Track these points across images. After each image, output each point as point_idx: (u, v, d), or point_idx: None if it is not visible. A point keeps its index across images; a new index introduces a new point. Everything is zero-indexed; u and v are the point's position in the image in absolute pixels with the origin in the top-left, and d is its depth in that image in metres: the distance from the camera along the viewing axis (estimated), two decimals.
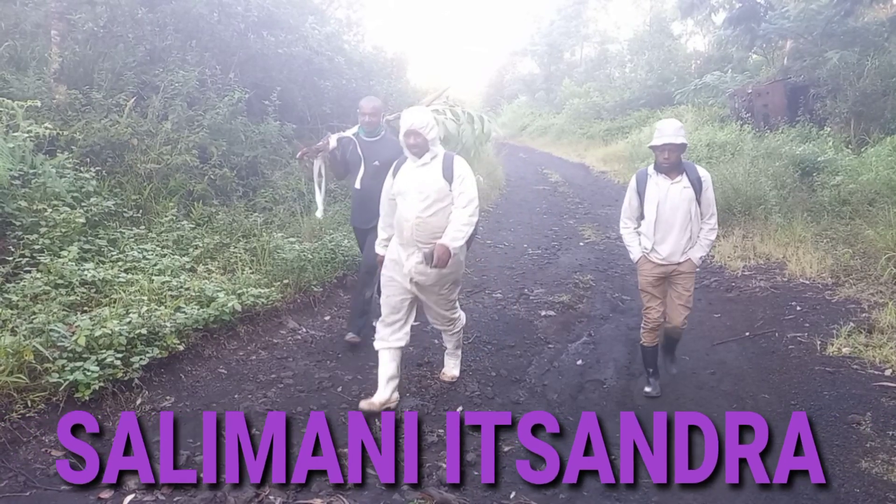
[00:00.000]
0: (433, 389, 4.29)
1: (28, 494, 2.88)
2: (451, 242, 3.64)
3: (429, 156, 3.75)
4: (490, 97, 41.34)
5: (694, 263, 4.19)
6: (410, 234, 3.73)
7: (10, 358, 3.37)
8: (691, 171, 4.12)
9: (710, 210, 4.16)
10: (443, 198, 3.70)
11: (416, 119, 3.68)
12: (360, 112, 4.83)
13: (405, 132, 3.70)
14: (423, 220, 3.69)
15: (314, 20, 10.61)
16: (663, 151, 4.02)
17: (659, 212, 4.11)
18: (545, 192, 14.00)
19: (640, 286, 4.35)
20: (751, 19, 15.27)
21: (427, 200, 3.69)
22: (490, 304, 6.23)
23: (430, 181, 3.71)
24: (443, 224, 3.69)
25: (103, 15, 7.58)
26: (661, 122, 4.10)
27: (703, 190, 4.09)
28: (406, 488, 3.08)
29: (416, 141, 3.70)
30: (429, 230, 3.69)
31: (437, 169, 3.73)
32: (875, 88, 11.18)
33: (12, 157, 4.92)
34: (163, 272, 4.97)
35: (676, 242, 4.13)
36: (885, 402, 3.96)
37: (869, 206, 7.67)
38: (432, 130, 3.72)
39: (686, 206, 4.07)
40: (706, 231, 4.19)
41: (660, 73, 23.32)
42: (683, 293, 4.25)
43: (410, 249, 3.79)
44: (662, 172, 4.11)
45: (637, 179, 4.25)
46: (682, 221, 4.10)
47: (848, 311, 5.46)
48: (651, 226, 4.17)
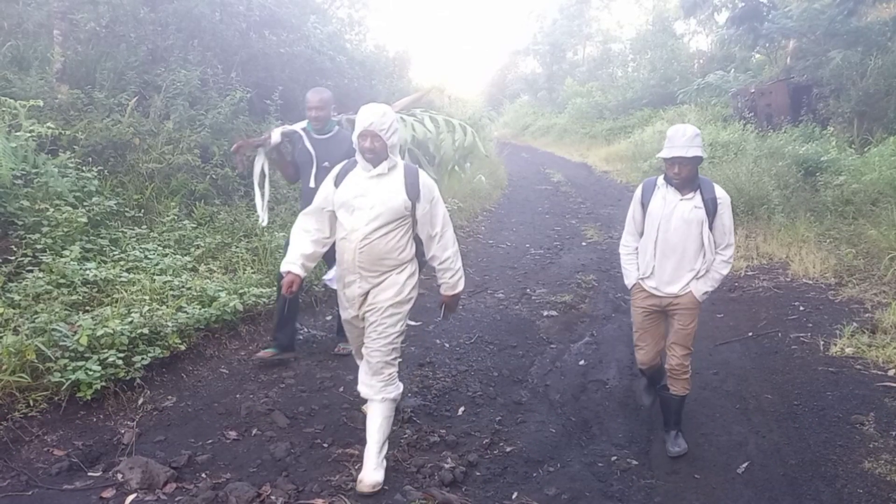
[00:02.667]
0: (435, 389, 4.28)
1: (30, 493, 2.87)
2: (456, 288, 3.28)
3: (386, 165, 3.07)
4: (492, 96, 41.30)
5: (696, 298, 3.49)
6: (353, 257, 3.06)
7: (13, 357, 3.37)
8: (707, 190, 3.47)
9: (725, 239, 3.49)
10: (398, 218, 3.06)
11: (375, 118, 2.98)
12: (307, 106, 4.24)
13: (360, 132, 3.00)
14: (371, 242, 3.02)
15: (316, 19, 10.61)
16: (672, 165, 3.39)
17: (661, 230, 3.48)
18: (547, 192, 13.99)
19: (633, 319, 3.75)
20: (754, 19, 15.27)
21: (379, 219, 3.02)
22: (492, 304, 6.22)
23: (386, 196, 3.03)
24: (391, 250, 3.07)
25: (105, 14, 7.59)
26: (673, 130, 3.41)
27: (717, 213, 3.43)
28: (408, 488, 3.08)
29: (374, 145, 3.00)
30: (375, 255, 3.05)
31: (397, 183, 3.07)
32: (878, 88, 11.15)
33: (15, 157, 4.92)
34: (164, 272, 4.98)
35: (676, 271, 3.48)
36: (889, 402, 3.94)
37: (872, 205, 7.65)
38: (394, 135, 3.07)
39: (694, 229, 3.42)
40: (718, 263, 3.50)
41: (662, 73, 23.29)
42: (680, 330, 3.56)
43: (352, 277, 3.12)
44: (673, 186, 3.50)
45: (643, 189, 3.62)
46: (686, 246, 3.45)
47: (851, 312, 5.44)
48: (650, 246, 3.53)
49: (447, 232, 3.19)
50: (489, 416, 3.98)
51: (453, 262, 3.23)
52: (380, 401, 3.18)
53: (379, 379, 3.18)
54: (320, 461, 3.32)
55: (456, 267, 3.25)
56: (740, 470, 3.39)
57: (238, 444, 3.48)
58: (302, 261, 3.21)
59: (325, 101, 4.25)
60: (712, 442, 3.69)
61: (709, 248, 3.46)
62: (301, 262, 3.21)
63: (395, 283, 3.13)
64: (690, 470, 3.42)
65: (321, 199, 3.22)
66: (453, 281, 3.26)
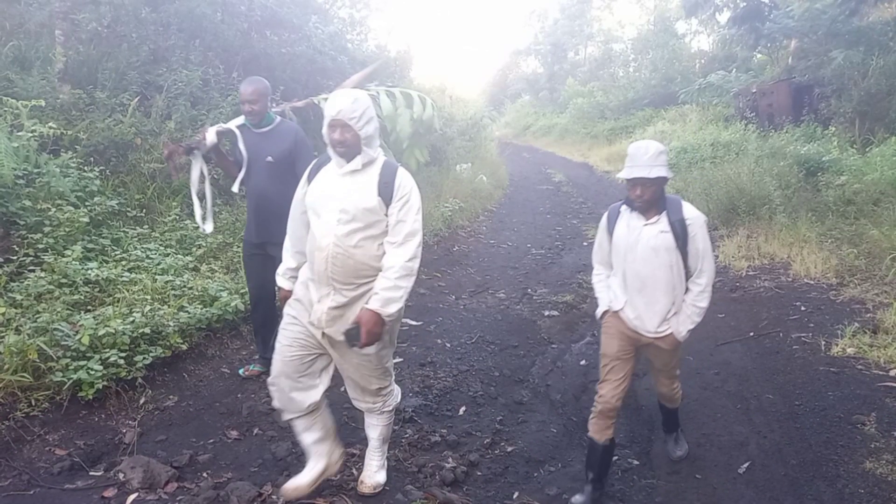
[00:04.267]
0: (436, 389, 4.28)
1: (32, 493, 2.88)
2: (384, 308, 2.59)
3: (361, 160, 2.65)
4: (493, 96, 41.31)
5: (677, 340, 3.11)
6: (324, 267, 2.63)
7: (15, 357, 3.38)
8: (674, 210, 3.03)
9: (699, 265, 3.03)
10: (373, 223, 2.63)
11: (344, 105, 2.56)
12: (240, 99, 3.84)
13: (329, 123, 2.61)
14: (344, 249, 2.60)
15: (317, 19, 10.60)
16: (634, 187, 2.96)
17: (627, 262, 3.08)
18: (549, 192, 13.99)
19: (602, 350, 3.23)
20: (755, 18, 15.26)
21: (352, 224, 2.60)
22: (493, 304, 6.22)
23: (358, 197, 2.62)
24: (370, 260, 2.64)
25: (107, 15, 7.60)
26: (634, 147, 2.98)
27: (688, 237, 3.00)
28: (409, 488, 3.08)
29: (345, 137, 2.59)
30: (350, 266, 2.62)
31: (371, 181, 2.65)
32: (880, 88, 11.14)
33: (17, 157, 4.93)
34: (166, 271, 4.99)
35: (650, 306, 3.08)
36: (890, 402, 3.94)
37: (874, 205, 7.64)
38: (369, 124, 2.62)
39: (662, 257, 3.00)
40: (693, 296, 3.06)
41: (664, 73, 23.30)
42: (663, 368, 3.32)
43: (324, 290, 2.68)
44: (636, 210, 3.09)
45: (608, 216, 3.23)
46: (656, 278, 3.03)
47: (853, 312, 5.43)
48: (620, 279, 3.16)
49: (411, 242, 2.65)
50: (490, 415, 3.99)
51: (396, 273, 2.60)
52: (378, 413, 3.00)
53: (375, 400, 2.94)
54: None
55: (398, 282, 2.60)
56: (741, 470, 3.39)
57: (239, 444, 3.49)
58: (290, 274, 2.92)
59: (260, 92, 3.80)
60: (713, 442, 3.69)
61: (678, 279, 3.04)
62: (289, 276, 2.92)
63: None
64: (691, 470, 3.42)
65: (297, 202, 2.86)
66: (384, 294, 2.59)
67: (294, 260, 2.91)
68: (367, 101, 2.65)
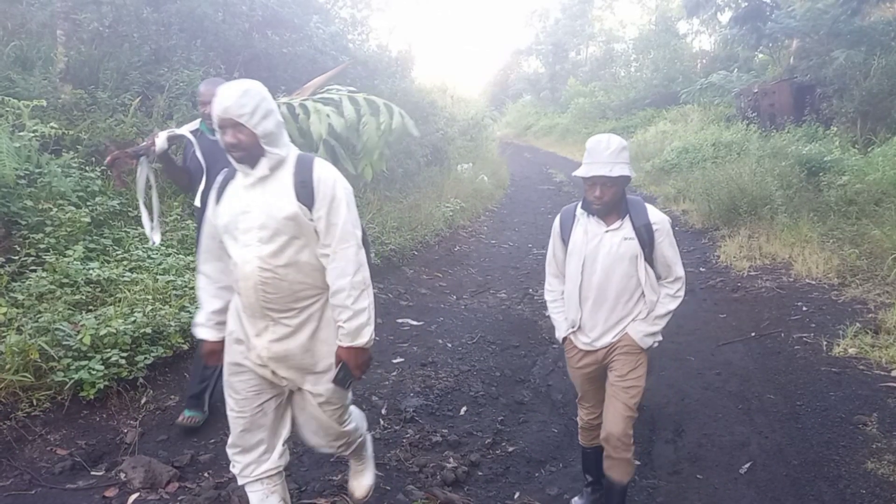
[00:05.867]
0: (437, 389, 4.28)
1: (33, 493, 2.89)
2: (357, 340, 2.24)
3: (266, 163, 2.21)
4: (495, 96, 41.32)
5: (633, 340, 2.71)
6: (255, 298, 2.22)
7: (16, 356, 3.38)
8: (638, 215, 2.70)
9: (669, 271, 2.74)
10: (301, 233, 2.21)
11: (230, 101, 2.13)
12: (199, 100, 3.43)
13: (218, 123, 2.19)
14: (273, 272, 2.19)
15: (319, 19, 10.61)
16: (593, 187, 2.62)
17: (584, 273, 2.73)
18: (550, 192, 13.99)
19: (570, 373, 3.02)
20: (757, 18, 15.26)
21: (276, 240, 2.19)
22: (494, 304, 6.22)
23: (275, 207, 2.19)
24: (308, 276, 2.24)
25: (108, 15, 7.60)
26: (594, 141, 2.66)
27: (654, 243, 2.67)
28: (410, 488, 3.08)
29: (238, 138, 2.16)
30: (285, 290, 2.22)
31: (285, 185, 2.22)
32: (882, 88, 11.12)
33: (18, 157, 4.93)
34: (167, 271, 4.99)
35: (610, 321, 2.74)
36: (892, 402, 3.93)
37: (875, 206, 7.63)
38: (267, 119, 2.17)
39: (626, 266, 2.67)
40: (664, 297, 2.74)
41: (665, 73, 23.30)
42: (617, 383, 2.73)
43: (261, 323, 2.28)
44: (594, 214, 2.74)
45: (561, 220, 2.88)
46: (619, 290, 2.70)
47: (854, 312, 5.43)
48: (574, 293, 2.77)
49: (347, 250, 2.22)
50: (491, 415, 3.99)
51: (350, 298, 2.21)
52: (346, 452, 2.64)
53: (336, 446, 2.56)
54: (322, 461, 3.32)
55: (356, 306, 2.22)
56: (743, 470, 3.38)
57: None
58: (215, 320, 2.42)
59: None
60: (715, 442, 3.68)
61: (648, 288, 2.71)
62: (214, 322, 2.42)
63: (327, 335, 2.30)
64: (693, 470, 3.42)
65: (208, 227, 2.39)
66: (350, 326, 2.22)
67: (218, 300, 2.42)
68: (260, 92, 2.19)
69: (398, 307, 6.03)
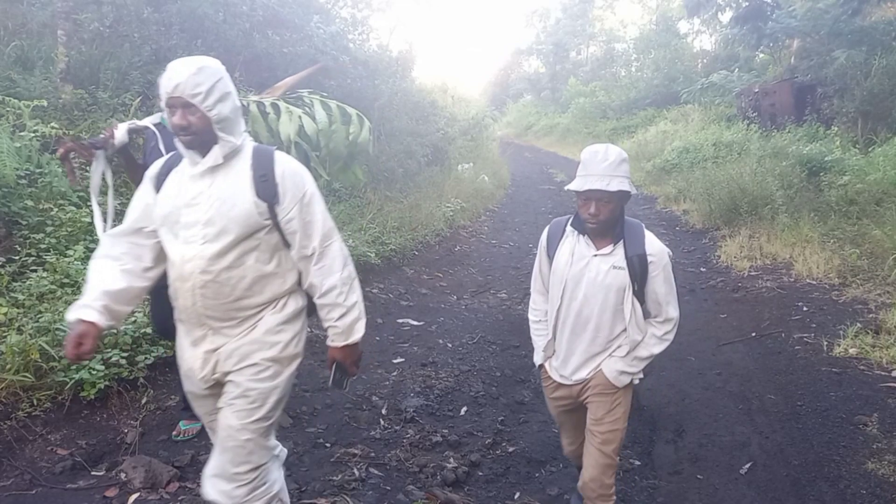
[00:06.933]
0: (438, 389, 4.28)
1: (34, 493, 2.89)
2: (351, 338, 2.15)
3: (219, 150, 2.01)
4: (495, 96, 41.32)
5: (607, 379, 2.45)
6: (191, 302, 2.03)
7: (17, 356, 3.39)
8: (633, 242, 2.38)
9: (660, 310, 2.43)
10: (252, 233, 2.02)
11: (182, 77, 1.91)
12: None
13: (166, 102, 1.98)
14: (215, 276, 2.00)
15: (319, 19, 10.61)
16: (587, 203, 2.32)
17: (565, 297, 2.46)
18: (550, 192, 13.98)
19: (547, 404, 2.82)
20: (757, 18, 15.25)
21: (222, 239, 1.99)
22: (495, 304, 6.22)
23: (228, 201, 2.00)
24: (253, 283, 2.05)
25: (109, 15, 7.61)
26: (590, 152, 2.33)
27: (647, 276, 2.36)
28: (411, 488, 3.08)
29: (188, 120, 1.95)
30: (226, 296, 2.03)
31: (241, 177, 2.03)
32: (882, 88, 11.12)
33: (19, 157, 4.94)
34: None
35: (587, 354, 2.48)
36: (892, 403, 3.93)
37: (876, 206, 7.63)
38: (223, 102, 1.97)
39: (612, 298, 2.39)
40: (650, 338, 2.44)
41: (666, 73, 23.28)
42: (594, 427, 2.49)
43: (198, 332, 2.10)
44: (585, 233, 2.44)
45: (549, 234, 2.61)
46: (600, 322, 2.42)
47: (855, 312, 5.42)
48: (553, 316, 2.53)
49: (331, 247, 2.10)
50: (492, 415, 3.99)
51: (342, 295, 2.10)
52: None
53: (238, 484, 2.07)
54: (323, 460, 3.32)
55: (348, 302, 2.12)
56: (743, 470, 3.38)
57: None
58: (104, 301, 2.03)
59: None
60: (715, 442, 3.68)
61: (633, 326, 2.41)
62: (102, 304, 2.03)
63: (269, 332, 2.09)
64: (693, 470, 3.41)
65: (137, 214, 2.14)
66: (343, 324, 2.12)
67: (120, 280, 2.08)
68: (217, 71, 1.97)
69: (399, 307, 6.03)
